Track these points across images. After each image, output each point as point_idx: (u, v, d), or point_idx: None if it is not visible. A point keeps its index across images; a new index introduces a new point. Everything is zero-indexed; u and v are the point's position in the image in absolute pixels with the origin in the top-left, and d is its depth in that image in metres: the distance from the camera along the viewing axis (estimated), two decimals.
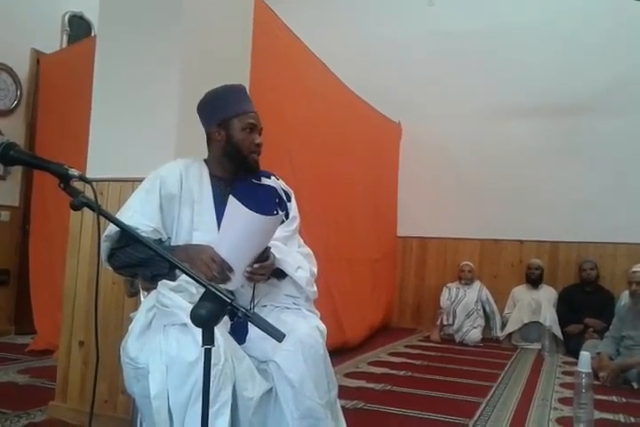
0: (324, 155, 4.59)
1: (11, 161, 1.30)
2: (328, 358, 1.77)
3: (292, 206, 2.07)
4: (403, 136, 6.75)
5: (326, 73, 4.70)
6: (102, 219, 1.29)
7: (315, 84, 4.44)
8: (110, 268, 1.85)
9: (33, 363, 3.74)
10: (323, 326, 1.81)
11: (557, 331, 5.26)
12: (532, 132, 6.10)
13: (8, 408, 2.71)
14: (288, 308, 1.86)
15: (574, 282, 5.65)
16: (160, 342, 1.57)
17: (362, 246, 5.49)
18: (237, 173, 1.96)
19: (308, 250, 2.04)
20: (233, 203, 1.67)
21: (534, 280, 5.69)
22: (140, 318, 1.70)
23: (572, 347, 4.92)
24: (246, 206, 1.66)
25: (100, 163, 2.69)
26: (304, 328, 1.72)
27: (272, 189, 2.03)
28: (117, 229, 1.71)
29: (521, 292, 5.73)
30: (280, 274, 1.88)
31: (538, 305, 5.48)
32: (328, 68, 4.68)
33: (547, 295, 5.58)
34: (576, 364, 2.94)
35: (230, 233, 1.69)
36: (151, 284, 1.78)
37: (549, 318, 5.32)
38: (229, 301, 1.19)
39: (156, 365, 1.53)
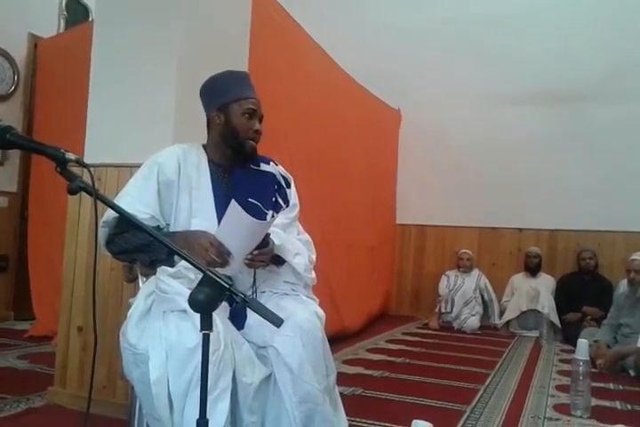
0: (321, 141, 4.57)
1: (7, 144, 1.29)
2: (327, 344, 1.77)
3: (292, 193, 2.06)
4: (402, 123, 6.73)
5: (325, 58, 4.66)
6: (100, 204, 1.28)
7: (314, 70, 4.41)
8: (109, 253, 1.85)
9: (32, 349, 3.75)
10: (321, 312, 1.82)
11: (555, 319, 5.28)
12: (532, 119, 6.08)
13: (7, 393, 2.72)
14: (287, 294, 1.86)
15: (573, 270, 5.67)
16: (160, 328, 1.57)
17: (360, 233, 5.49)
18: (235, 159, 1.95)
19: (307, 237, 2.04)
20: (234, 208, 1.65)
21: (533, 268, 5.70)
22: (138, 304, 1.70)
23: (569, 335, 4.95)
24: (245, 207, 1.64)
25: (97, 148, 2.66)
26: (303, 314, 1.72)
27: (271, 175, 2.02)
28: (115, 214, 1.71)
29: (519, 280, 5.75)
30: (279, 260, 1.88)
31: (536, 293, 5.49)
32: (327, 53, 4.65)
33: (545, 283, 5.60)
34: (573, 352, 2.96)
35: (229, 234, 1.68)
36: (150, 269, 1.78)
37: (547, 306, 5.35)
38: (227, 286, 1.18)
39: (155, 351, 1.53)
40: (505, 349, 4.70)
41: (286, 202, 2.02)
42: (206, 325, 1.19)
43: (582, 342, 2.91)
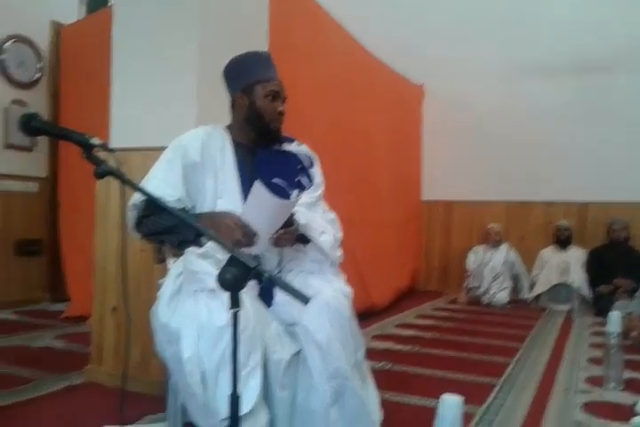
0: (344, 118, 4.54)
1: (33, 131, 1.32)
2: (354, 320, 1.79)
3: (317, 172, 2.07)
4: (425, 97, 6.65)
5: (345, 35, 4.62)
6: (127, 188, 1.30)
7: (334, 47, 4.37)
8: (138, 235, 1.88)
9: (68, 329, 3.86)
10: (348, 289, 1.84)
11: (586, 292, 5.24)
12: (559, 90, 5.94)
13: (47, 372, 2.81)
14: (313, 272, 1.87)
15: (604, 242, 5.58)
16: (190, 308, 1.60)
17: (385, 210, 5.48)
18: (259, 140, 1.96)
19: (332, 215, 2.05)
20: (258, 188, 1.66)
21: (563, 241, 5.63)
22: (168, 285, 1.74)
23: (601, 308, 4.89)
24: (269, 188, 1.65)
25: (122, 132, 2.70)
26: (329, 291, 1.74)
27: (295, 155, 2.02)
28: (143, 197, 1.74)
29: (549, 253, 5.69)
30: (305, 239, 1.89)
31: (566, 266, 5.44)
32: (347, 30, 4.60)
33: (576, 256, 5.53)
34: (606, 324, 2.93)
35: (254, 214, 1.70)
36: (178, 250, 1.80)
37: (578, 279, 5.30)
38: (253, 266, 1.20)
39: (187, 330, 1.57)
40: (535, 322, 4.68)
41: (310, 181, 2.03)
42: (235, 303, 1.22)
43: (614, 315, 2.88)
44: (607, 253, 5.39)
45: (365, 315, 4.36)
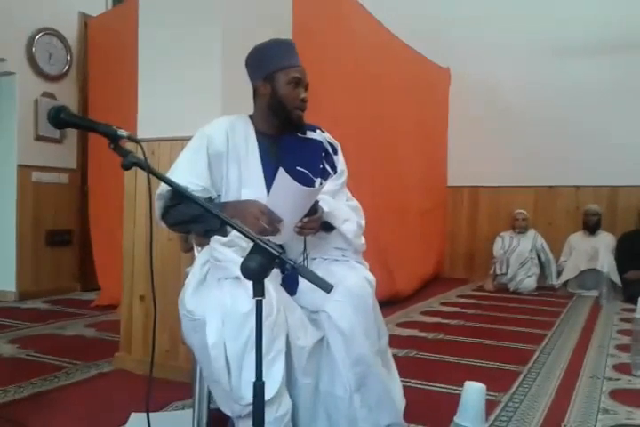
0: (369, 104, 4.53)
1: (62, 124, 1.34)
2: (377, 308, 1.80)
3: (339, 159, 2.07)
4: (452, 81, 6.58)
5: (370, 19, 4.59)
6: (154, 178, 1.33)
7: (358, 32, 4.34)
8: (164, 225, 1.91)
9: (99, 317, 3.94)
10: (371, 277, 1.84)
11: (616, 278, 5.17)
12: (588, 71, 5.84)
13: (78, 360, 2.88)
14: (337, 260, 1.88)
15: (635, 228, 5.49)
16: (215, 295, 1.63)
17: (410, 197, 5.47)
18: (282, 128, 1.96)
19: (355, 203, 2.05)
20: (282, 176, 1.67)
21: (592, 227, 5.56)
22: (195, 273, 1.76)
23: (631, 294, 4.83)
24: (293, 175, 1.65)
25: (149, 123, 2.73)
26: (353, 279, 1.75)
27: (318, 143, 2.03)
28: (169, 187, 1.76)
29: (577, 239, 5.63)
30: (328, 227, 1.89)
31: (595, 252, 5.37)
32: (372, 14, 4.57)
33: (605, 242, 5.46)
34: (635, 311, 2.90)
35: (279, 203, 1.71)
36: (204, 239, 1.83)
37: (607, 264, 5.23)
38: (277, 254, 1.21)
39: (212, 317, 1.59)
40: (563, 309, 4.65)
41: (334, 169, 2.03)
42: (258, 291, 1.23)
43: None
44: (637, 238, 5.31)
45: (390, 302, 4.37)
